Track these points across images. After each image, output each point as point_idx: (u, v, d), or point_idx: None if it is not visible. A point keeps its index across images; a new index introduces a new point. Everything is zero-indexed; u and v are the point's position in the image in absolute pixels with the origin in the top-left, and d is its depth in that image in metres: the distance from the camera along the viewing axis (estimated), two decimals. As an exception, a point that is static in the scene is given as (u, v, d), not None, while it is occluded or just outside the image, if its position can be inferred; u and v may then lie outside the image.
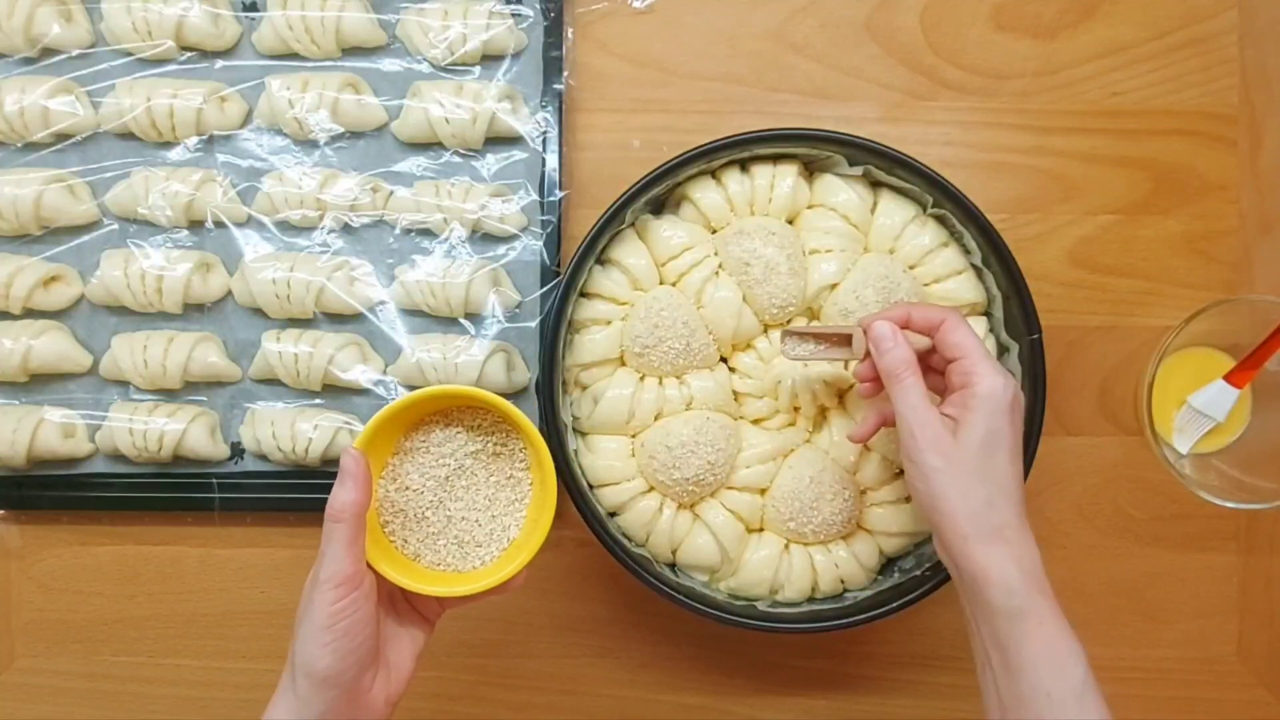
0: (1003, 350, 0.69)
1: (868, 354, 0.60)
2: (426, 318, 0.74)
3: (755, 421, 0.70)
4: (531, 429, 0.57)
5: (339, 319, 0.74)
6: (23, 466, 0.73)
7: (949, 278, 0.69)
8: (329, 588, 0.52)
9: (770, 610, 0.68)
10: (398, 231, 0.74)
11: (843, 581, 0.69)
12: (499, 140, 0.74)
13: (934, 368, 0.61)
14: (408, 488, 0.59)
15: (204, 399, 0.74)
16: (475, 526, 0.60)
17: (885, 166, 0.68)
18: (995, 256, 0.67)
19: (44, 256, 0.73)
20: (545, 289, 0.73)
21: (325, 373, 0.71)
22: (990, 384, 0.55)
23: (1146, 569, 0.77)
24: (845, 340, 0.61)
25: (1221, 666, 0.77)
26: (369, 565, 0.55)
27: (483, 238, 0.73)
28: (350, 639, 0.52)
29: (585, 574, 0.77)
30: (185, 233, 0.74)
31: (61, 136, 0.73)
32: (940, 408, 0.57)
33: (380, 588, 0.56)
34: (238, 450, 0.75)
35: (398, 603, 0.59)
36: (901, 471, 0.69)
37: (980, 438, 0.54)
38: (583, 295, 0.69)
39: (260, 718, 0.54)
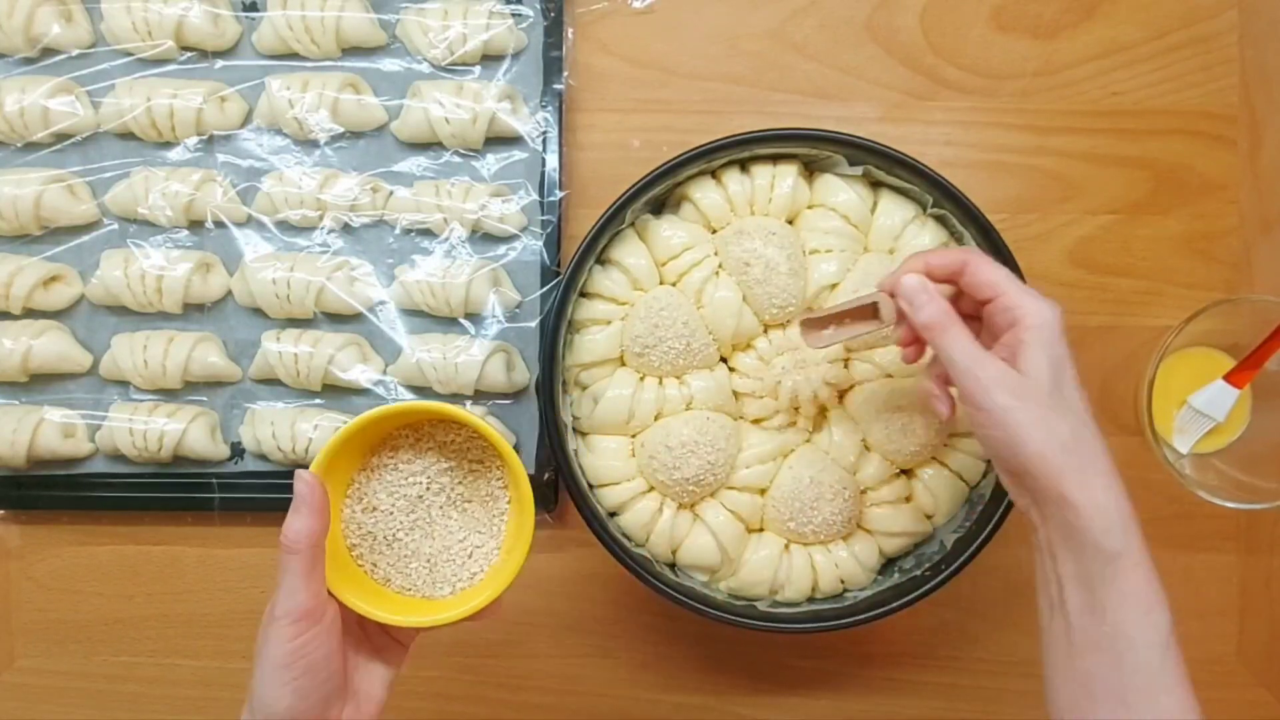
0: (1003, 350, 0.69)
1: (900, 316, 0.56)
2: (426, 318, 0.74)
3: (755, 421, 0.70)
4: (504, 445, 0.53)
5: (339, 319, 0.74)
6: (23, 466, 0.73)
7: (949, 278, 0.69)
8: (286, 624, 0.48)
9: (770, 610, 0.68)
10: (398, 231, 0.74)
11: (843, 581, 0.69)
12: (499, 140, 0.74)
13: (966, 314, 0.56)
14: (375, 508, 0.56)
15: (204, 399, 0.74)
16: (449, 549, 0.56)
17: (885, 166, 0.68)
18: (995, 256, 0.67)
19: (44, 256, 0.73)
20: (545, 289, 0.73)
21: (325, 373, 0.71)
22: (1039, 312, 0.52)
23: (1146, 569, 0.77)
24: (868, 313, 0.57)
25: (1221, 666, 0.77)
26: (332, 594, 0.51)
27: (483, 238, 0.73)
28: (311, 677, 0.49)
29: (585, 574, 0.77)
30: (185, 233, 0.74)
31: (61, 136, 0.73)
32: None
33: (347, 614, 0.52)
34: (238, 450, 0.75)
35: (369, 626, 0.55)
36: (902, 472, 0.69)
37: (1047, 368, 0.51)
38: (583, 295, 0.69)
39: None
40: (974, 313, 0.56)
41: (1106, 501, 0.49)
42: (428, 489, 0.56)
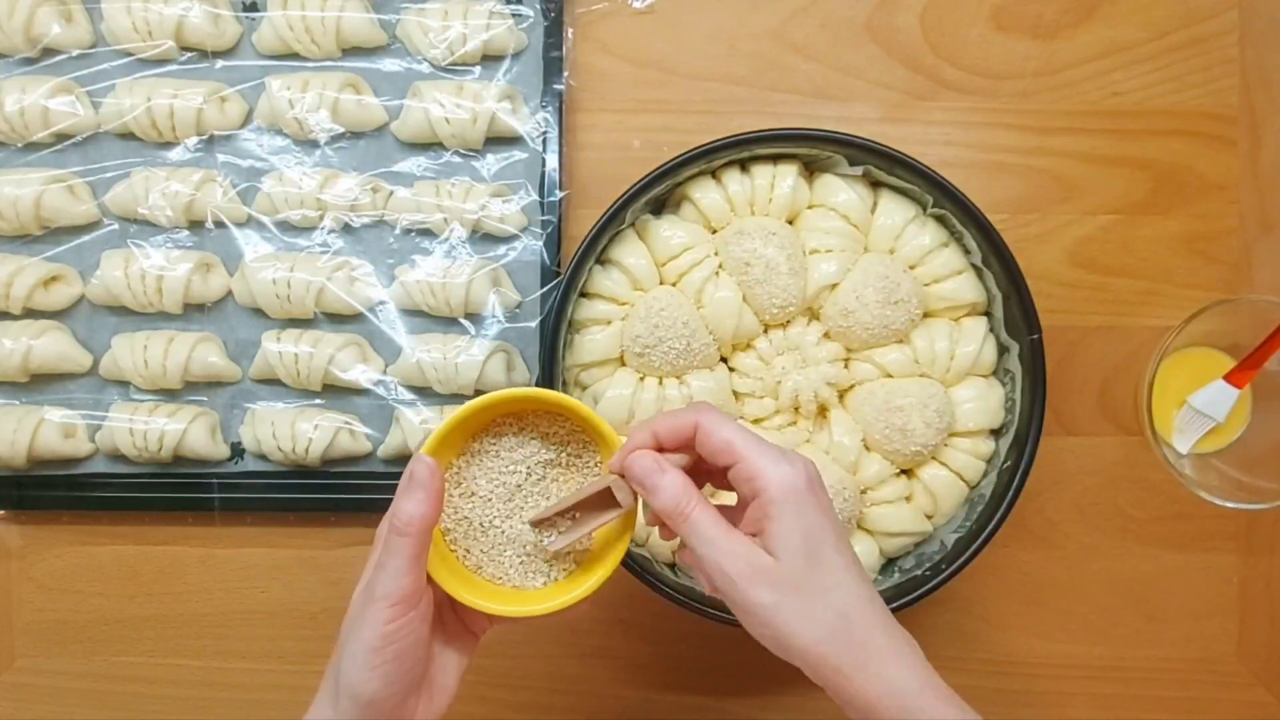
0: (1003, 350, 0.69)
1: (637, 498, 0.51)
2: (426, 318, 0.74)
3: (755, 421, 0.70)
4: (615, 439, 0.52)
5: (339, 319, 0.74)
6: (23, 466, 0.73)
7: (949, 278, 0.69)
8: (385, 605, 0.47)
9: (770, 610, 0.68)
10: (398, 231, 0.74)
11: (843, 581, 0.69)
12: (499, 140, 0.74)
13: (713, 468, 0.51)
14: (474, 494, 0.55)
15: (204, 399, 0.74)
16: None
17: (885, 166, 0.68)
18: (995, 256, 0.67)
19: (44, 256, 0.73)
20: (545, 289, 0.73)
21: (325, 373, 0.71)
22: (779, 479, 0.46)
23: (1146, 569, 0.77)
24: (603, 501, 0.52)
25: (1221, 666, 0.78)
26: (429, 577, 0.50)
27: (483, 238, 0.73)
28: (401, 663, 0.48)
29: (585, 574, 0.77)
30: (185, 233, 0.74)
31: (62, 136, 0.73)
32: (740, 528, 0.49)
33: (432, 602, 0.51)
34: (238, 450, 0.75)
35: (445, 615, 0.54)
36: (902, 471, 0.70)
37: (799, 546, 0.46)
38: (583, 295, 0.69)
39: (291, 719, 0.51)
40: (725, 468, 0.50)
41: (891, 681, 0.46)
42: (526, 478, 0.55)
